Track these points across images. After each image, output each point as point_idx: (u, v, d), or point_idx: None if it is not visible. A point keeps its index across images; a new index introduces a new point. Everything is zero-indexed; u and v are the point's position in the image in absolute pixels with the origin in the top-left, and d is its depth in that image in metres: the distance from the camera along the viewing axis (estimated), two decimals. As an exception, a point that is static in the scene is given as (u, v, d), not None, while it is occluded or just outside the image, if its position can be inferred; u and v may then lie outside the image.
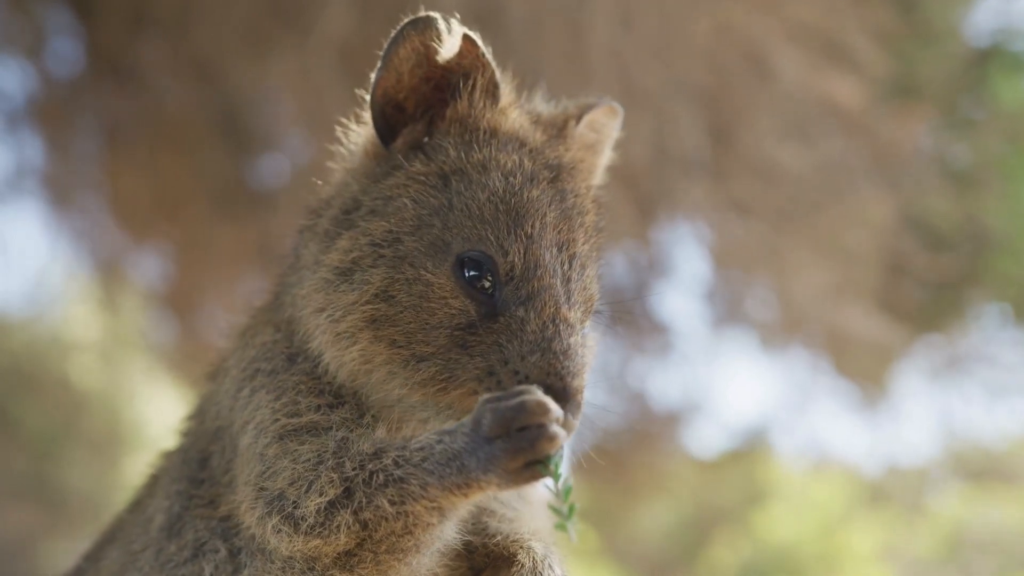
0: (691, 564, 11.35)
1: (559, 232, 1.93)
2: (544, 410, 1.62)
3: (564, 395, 1.73)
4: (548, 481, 1.67)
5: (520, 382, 1.74)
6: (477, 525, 1.96)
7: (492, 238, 1.86)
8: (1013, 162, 5.67)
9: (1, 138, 6.77)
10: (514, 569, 1.89)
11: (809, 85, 4.93)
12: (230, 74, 5.96)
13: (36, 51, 6.43)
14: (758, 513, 11.19)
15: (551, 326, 1.80)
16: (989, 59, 5.65)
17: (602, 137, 2.30)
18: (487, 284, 1.85)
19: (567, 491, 1.69)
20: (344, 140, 2.18)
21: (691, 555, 11.33)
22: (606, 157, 2.34)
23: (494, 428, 1.63)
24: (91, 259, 7.38)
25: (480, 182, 1.92)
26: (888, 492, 10.01)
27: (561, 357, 1.77)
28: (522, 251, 1.86)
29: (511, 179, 1.93)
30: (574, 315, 1.86)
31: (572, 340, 1.81)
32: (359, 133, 2.16)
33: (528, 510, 2.09)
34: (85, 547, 2.46)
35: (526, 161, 1.99)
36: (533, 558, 1.90)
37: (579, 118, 2.21)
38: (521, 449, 1.61)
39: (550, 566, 1.90)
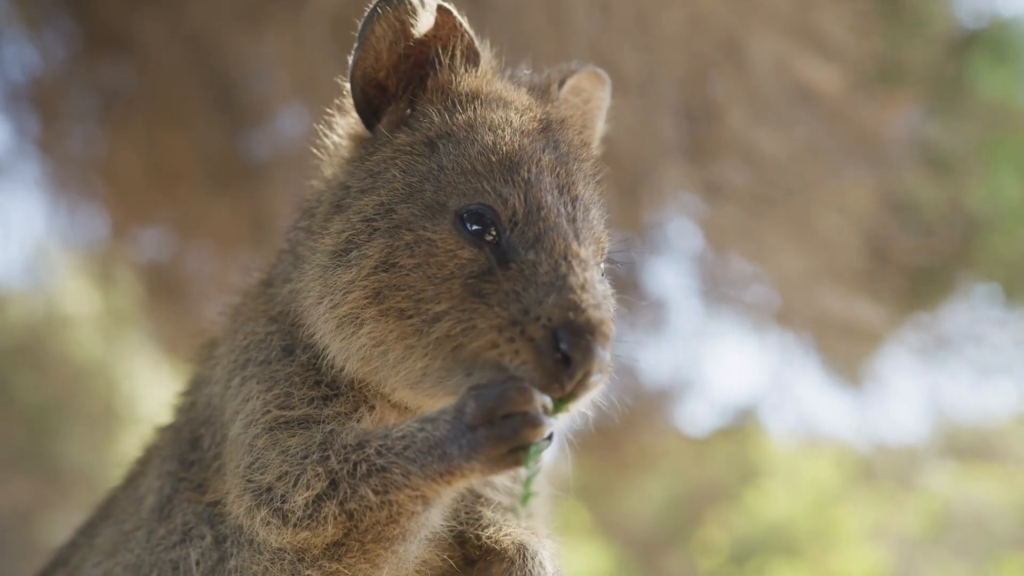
0: (682, 541, 11.39)
1: (557, 176, 1.89)
2: (527, 398, 1.61)
3: (588, 328, 1.66)
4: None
5: (544, 326, 1.66)
6: (471, 515, 1.96)
7: (488, 189, 1.82)
8: (994, 147, 5.68)
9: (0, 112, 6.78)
10: (504, 565, 1.89)
11: (786, 71, 4.93)
12: (225, 48, 5.95)
13: (34, 28, 6.41)
14: (749, 491, 11.23)
15: (563, 263, 1.74)
16: (971, 46, 5.65)
17: (592, 107, 2.29)
18: (491, 236, 1.80)
19: (530, 480, 1.72)
20: (328, 133, 2.15)
21: (682, 532, 11.37)
22: (600, 127, 2.32)
23: (477, 416, 1.62)
24: (88, 234, 7.38)
25: (468, 139, 1.90)
26: (877, 471, 10.05)
27: (579, 291, 1.70)
28: (522, 196, 1.82)
29: (499, 132, 1.91)
30: (586, 251, 1.80)
31: (588, 275, 1.75)
32: (342, 124, 2.14)
33: None
34: (81, 520, 2.48)
35: (513, 115, 1.97)
36: (524, 554, 1.89)
37: (561, 82, 2.20)
38: (504, 436, 1.61)
39: (541, 563, 1.89)
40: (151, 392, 8.46)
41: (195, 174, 6.59)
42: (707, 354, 7.44)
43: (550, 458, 2.08)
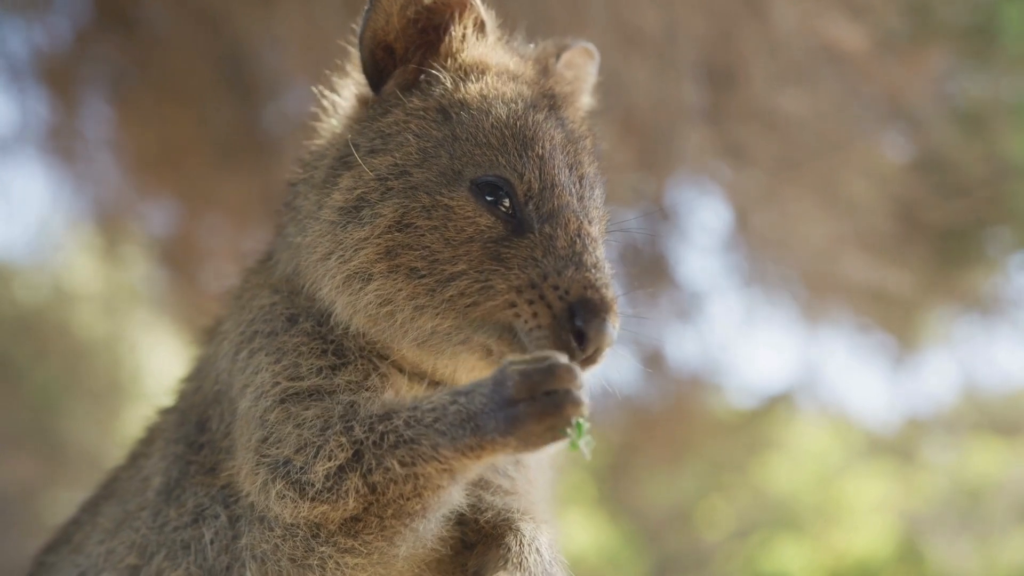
0: (694, 514, 11.39)
1: (567, 154, 1.96)
2: (572, 376, 1.60)
3: (603, 306, 1.74)
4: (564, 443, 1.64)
5: (561, 298, 1.74)
6: (470, 497, 1.93)
7: (504, 162, 1.88)
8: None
9: (7, 89, 6.74)
10: (501, 551, 1.87)
11: (811, 30, 4.84)
12: (235, 23, 5.91)
13: (42, 3, 6.37)
14: (762, 465, 11.20)
15: (578, 241, 1.82)
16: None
17: (579, 82, 2.33)
18: (505, 207, 1.86)
19: (581, 428, 1.65)
20: (332, 93, 2.19)
21: (694, 505, 11.36)
22: (586, 100, 2.36)
23: (521, 390, 1.60)
24: (95, 209, 7.36)
25: (482, 110, 1.95)
26: (903, 444, 9.99)
27: (594, 270, 1.79)
28: (537, 172, 1.88)
29: (513, 106, 1.97)
30: (596, 231, 1.90)
31: (599, 253, 1.85)
32: (346, 84, 2.18)
33: (524, 476, 2.08)
34: (85, 497, 2.46)
35: (524, 89, 2.04)
36: (520, 541, 1.88)
37: (557, 56, 2.25)
38: (547, 412, 1.59)
39: (537, 550, 1.88)
40: (157, 369, 8.47)
41: (205, 150, 6.57)
42: (738, 336, 7.35)
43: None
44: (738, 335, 7.22)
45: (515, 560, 1.84)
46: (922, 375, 7.38)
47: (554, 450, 1.72)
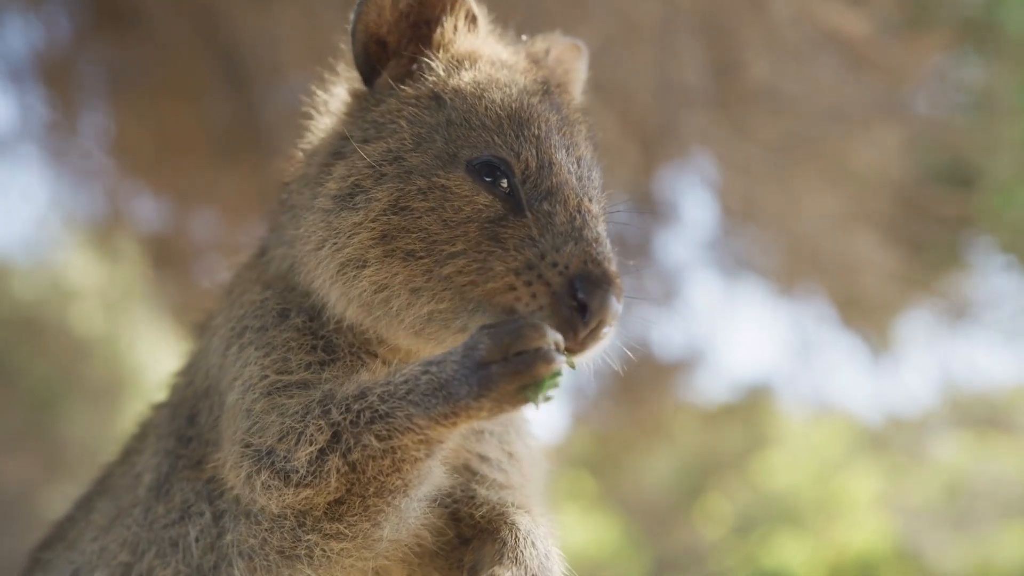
0: (690, 511, 11.40)
1: (563, 135, 1.95)
2: (542, 335, 1.62)
3: (605, 279, 1.72)
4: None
5: (561, 273, 1.72)
6: (466, 492, 1.95)
7: (500, 142, 1.87)
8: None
9: (4, 87, 6.74)
10: (496, 546, 1.88)
11: (809, 17, 4.82)
12: (233, 20, 5.90)
13: (40, 1, 6.36)
14: (756, 461, 11.23)
15: (578, 216, 1.81)
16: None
17: (571, 78, 2.34)
18: (504, 187, 1.85)
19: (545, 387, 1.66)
20: (325, 92, 2.20)
21: (690, 502, 11.38)
22: (578, 94, 2.36)
23: (492, 352, 1.62)
24: (93, 207, 7.36)
25: (476, 95, 1.95)
26: (887, 441, 10.04)
27: (595, 244, 1.77)
28: (534, 151, 1.87)
29: (507, 90, 1.97)
30: (596, 208, 1.88)
31: (600, 229, 1.83)
32: (338, 82, 2.18)
33: (518, 470, 2.08)
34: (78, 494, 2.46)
35: (518, 76, 2.04)
36: (516, 535, 1.89)
37: (547, 52, 2.26)
38: (518, 372, 1.61)
39: (532, 543, 1.88)
40: (155, 365, 8.47)
41: (202, 146, 6.56)
42: (722, 325, 7.38)
43: (553, 434, 2.06)
44: (727, 327, 7.25)
45: (511, 554, 1.85)
46: (911, 373, 7.42)
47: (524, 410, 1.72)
